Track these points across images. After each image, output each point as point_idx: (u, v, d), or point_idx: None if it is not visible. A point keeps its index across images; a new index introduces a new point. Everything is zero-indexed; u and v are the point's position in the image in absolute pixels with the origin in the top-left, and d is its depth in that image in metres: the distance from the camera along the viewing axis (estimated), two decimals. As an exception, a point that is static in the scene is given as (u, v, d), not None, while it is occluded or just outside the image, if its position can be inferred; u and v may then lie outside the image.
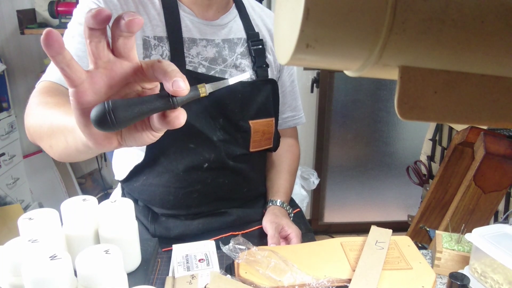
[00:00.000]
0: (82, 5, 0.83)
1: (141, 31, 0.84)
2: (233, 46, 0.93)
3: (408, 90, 0.26)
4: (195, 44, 0.89)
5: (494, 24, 0.23)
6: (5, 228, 1.92)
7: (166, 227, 0.94)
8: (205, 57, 0.90)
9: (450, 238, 0.81)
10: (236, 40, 0.94)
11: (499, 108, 0.27)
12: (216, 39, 0.91)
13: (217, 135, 0.90)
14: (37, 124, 0.65)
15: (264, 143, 0.98)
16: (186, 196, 0.93)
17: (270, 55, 0.99)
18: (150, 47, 0.85)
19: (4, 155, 2.08)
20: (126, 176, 0.96)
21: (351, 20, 0.23)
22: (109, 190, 2.43)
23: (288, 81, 1.07)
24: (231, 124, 0.91)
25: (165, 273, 0.76)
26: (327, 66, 0.27)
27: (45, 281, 0.54)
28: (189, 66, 0.88)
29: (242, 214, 0.98)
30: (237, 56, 0.94)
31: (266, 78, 0.96)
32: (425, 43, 0.24)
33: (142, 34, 0.84)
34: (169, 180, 0.91)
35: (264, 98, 0.95)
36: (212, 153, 0.90)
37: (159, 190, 0.93)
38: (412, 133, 2.31)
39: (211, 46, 0.90)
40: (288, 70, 1.06)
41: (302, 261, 0.76)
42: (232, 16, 0.95)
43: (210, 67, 0.90)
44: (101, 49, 0.41)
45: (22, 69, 2.24)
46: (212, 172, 0.92)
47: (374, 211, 2.46)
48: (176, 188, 0.92)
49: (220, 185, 0.94)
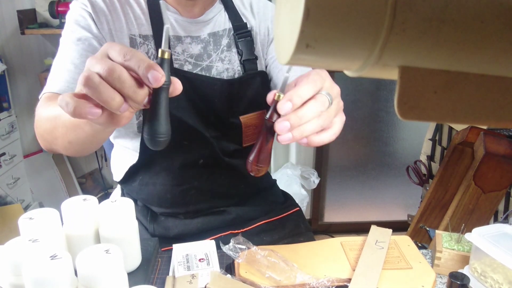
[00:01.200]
0: (73, 12, 0.85)
1: (127, 30, 0.86)
2: (219, 39, 0.92)
3: (408, 90, 0.26)
4: (180, 42, 0.89)
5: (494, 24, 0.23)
6: (6, 228, 1.92)
7: (165, 226, 0.95)
8: (191, 54, 0.90)
9: (450, 237, 0.81)
10: (222, 32, 0.93)
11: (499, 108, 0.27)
12: (202, 35, 0.91)
13: (209, 131, 0.90)
14: (50, 129, 0.71)
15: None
16: (184, 194, 0.93)
17: (260, 46, 0.96)
18: (136, 45, 0.86)
19: (4, 155, 2.08)
20: (123, 176, 0.96)
21: (351, 20, 0.23)
22: (109, 190, 2.43)
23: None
24: (221, 121, 0.91)
25: (165, 272, 0.76)
26: (327, 66, 0.27)
27: (46, 281, 0.54)
28: (176, 63, 0.88)
29: (241, 212, 0.98)
30: (223, 48, 0.92)
31: (255, 71, 0.94)
32: (425, 43, 0.24)
33: (128, 32, 0.86)
34: (166, 178, 0.92)
35: (254, 92, 0.93)
36: (206, 149, 0.90)
37: (156, 188, 0.93)
38: (412, 133, 2.31)
39: (196, 43, 0.90)
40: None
41: (302, 261, 0.76)
42: (218, 10, 0.94)
43: (196, 63, 0.90)
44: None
45: (22, 69, 2.24)
46: (208, 169, 0.92)
47: (374, 211, 2.46)
48: (173, 186, 0.92)
49: (216, 182, 0.94)
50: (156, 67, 0.48)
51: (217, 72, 0.91)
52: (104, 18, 0.84)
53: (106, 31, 0.84)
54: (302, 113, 0.55)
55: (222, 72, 0.92)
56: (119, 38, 0.85)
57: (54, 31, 2.07)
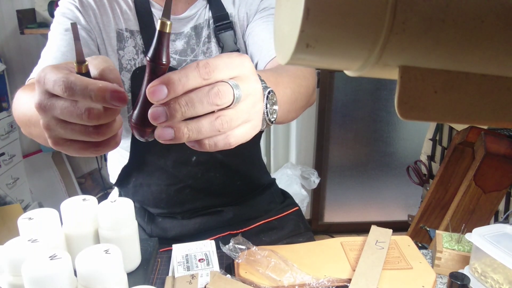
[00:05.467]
0: (61, 7, 0.88)
1: (114, 24, 0.88)
2: (200, 31, 0.92)
3: (408, 90, 0.26)
4: None
5: (494, 24, 0.23)
6: (5, 228, 1.92)
7: (163, 228, 0.94)
8: (175, 50, 0.90)
9: (450, 238, 0.81)
10: (202, 23, 0.92)
11: (499, 108, 0.27)
12: (185, 30, 0.91)
13: None
14: (25, 123, 0.65)
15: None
16: (179, 193, 0.92)
17: (240, 34, 0.92)
18: (123, 39, 0.88)
19: (3, 155, 2.08)
20: (117, 178, 0.96)
21: (351, 20, 0.23)
22: (109, 190, 2.43)
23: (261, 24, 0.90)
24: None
25: (165, 273, 0.76)
26: (327, 66, 0.27)
27: (45, 281, 0.54)
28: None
29: (239, 212, 0.98)
30: (204, 41, 0.91)
31: None
32: (425, 43, 0.24)
33: (115, 27, 0.88)
34: (160, 178, 0.91)
35: None
36: None
37: (151, 189, 0.93)
38: (412, 133, 2.31)
39: (179, 39, 0.91)
40: (259, 14, 0.92)
41: (302, 261, 0.76)
42: (202, 4, 0.92)
43: (180, 59, 0.90)
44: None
45: (22, 69, 2.24)
46: (202, 166, 0.92)
47: (374, 211, 2.46)
48: (168, 185, 0.92)
49: (211, 179, 0.94)
50: (109, 86, 0.39)
51: None
52: (91, 11, 0.86)
53: (94, 24, 0.86)
54: (184, 102, 0.39)
55: None
56: (106, 32, 0.87)
57: (54, 31, 2.07)
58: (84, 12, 0.86)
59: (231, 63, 0.42)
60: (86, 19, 0.85)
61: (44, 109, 0.41)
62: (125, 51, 0.87)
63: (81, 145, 0.44)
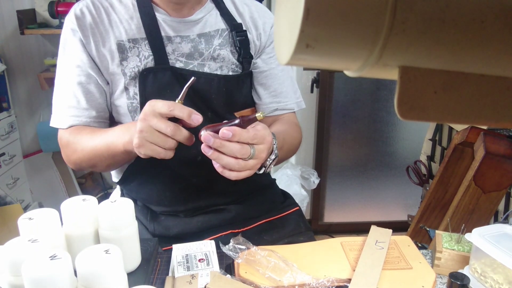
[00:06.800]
0: (65, 33, 0.91)
1: (114, 38, 0.88)
2: (210, 39, 0.93)
3: (408, 90, 0.26)
4: (170, 42, 0.90)
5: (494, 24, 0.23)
6: (5, 228, 1.92)
7: (165, 226, 0.95)
8: (181, 53, 0.90)
9: (450, 238, 0.81)
10: (213, 32, 0.94)
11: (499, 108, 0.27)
12: (191, 35, 0.92)
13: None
14: (89, 158, 0.87)
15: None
16: (183, 191, 0.93)
17: (253, 45, 0.98)
18: (125, 50, 0.88)
19: (4, 155, 2.08)
20: (121, 177, 0.97)
21: (351, 20, 0.23)
22: (109, 190, 2.43)
23: (268, 65, 1.00)
24: (218, 118, 0.92)
25: (165, 273, 0.76)
26: (327, 66, 0.27)
27: (45, 281, 0.54)
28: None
29: (241, 211, 0.98)
30: (215, 48, 0.93)
31: (249, 70, 0.97)
32: (425, 43, 0.24)
33: (115, 40, 0.88)
34: (165, 177, 0.92)
35: (248, 89, 0.97)
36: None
37: (156, 187, 0.93)
38: (412, 133, 2.31)
39: (185, 42, 0.91)
40: (268, 54, 1.01)
41: (302, 261, 0.76)
42: (207, 10, 0.94)
43: (187, 62, 0.91)
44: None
45: (22, 69, 2.24)
46: (207, 166, 0.92)
47: (374, 211, 2.46)
48: (172, 184, 0.92)
49: (215, 179, 0.94)
50: (194, 112, 0.70)
51: (210, 70, 0.92)
52: (90, 31, 0.88)
53: (93, 48, 0.88)
54: (227, 144, 0.69)
55: (215, 70, 0.93)
56: (106, 48, 0.88)
57: (53, 31, 2.07)
58: (83, 35, 0.87)
59: (259, 138, 0.73)
60: (86, 48, 0.88)
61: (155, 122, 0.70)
62: (128, 61, 0.88)
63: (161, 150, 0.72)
